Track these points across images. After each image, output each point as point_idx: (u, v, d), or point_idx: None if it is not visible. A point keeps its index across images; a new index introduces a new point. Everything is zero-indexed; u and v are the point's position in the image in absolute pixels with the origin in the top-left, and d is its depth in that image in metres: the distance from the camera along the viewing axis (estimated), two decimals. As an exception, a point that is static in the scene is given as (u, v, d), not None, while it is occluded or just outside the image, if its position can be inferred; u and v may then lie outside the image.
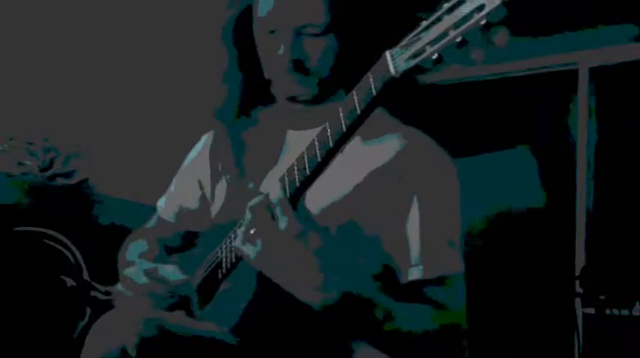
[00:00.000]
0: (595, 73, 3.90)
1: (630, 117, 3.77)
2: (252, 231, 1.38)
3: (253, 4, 1.63)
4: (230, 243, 1.52)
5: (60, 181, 3.06)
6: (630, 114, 3.77)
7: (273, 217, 1.36)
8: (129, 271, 1.63)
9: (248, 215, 1.39)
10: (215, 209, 1.74)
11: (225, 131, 1.75)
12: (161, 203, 1.91)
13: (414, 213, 1.52)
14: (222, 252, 1.56)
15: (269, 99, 1.70)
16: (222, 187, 1.74)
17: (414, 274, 1.50)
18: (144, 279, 1.59)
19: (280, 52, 1.55)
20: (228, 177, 1.72)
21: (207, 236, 1.69)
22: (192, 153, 1.87)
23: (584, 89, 3.90)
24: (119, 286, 1.66)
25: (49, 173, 3.03)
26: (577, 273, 3.56)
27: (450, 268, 1.52)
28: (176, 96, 3.43)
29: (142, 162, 3.37)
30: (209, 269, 1.60)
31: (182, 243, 1.80)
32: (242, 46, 1.68)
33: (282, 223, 1.35)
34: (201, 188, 1.82)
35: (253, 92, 1.71)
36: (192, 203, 1.83)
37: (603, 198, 3.82)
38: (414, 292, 1.49)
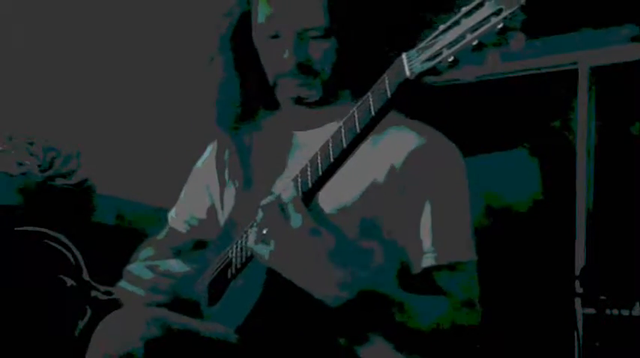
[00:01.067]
0: (595, 73, 3.90)
1: (630, 116, 3.77)
2: (264, 231, 1.38)
3: (252, 10, 1.64)
4: (241, 243, 1.52)
5: (60, 181, 3.05)
6: (630, 114, 3.77)
7: (286, 216, 1.36)
8: (131, 266, 1.64)
9: (260, 214, 1.39)
10: (224, 216, 1.75)
11: (229, 138, 1.76)
12: (172, 213, 1.92)
13: (427, 207, 1.53)
14: (232, 252, 1.56)
15: (271, 105, 1.71)
16: (230, 194, 1.75)
17: (427, 261, 1.51)
18: (147, 274, 1.59)
19: (285, 55, 1.56)
20: (235, 182, 1.73)
21: (215, 242, 1.70)
22: (200, 163, 1.89)
23: (584, 89, 3.91)
24: (122, 282, 1.66)
25: (49, 173, 3.03)
26: (577, 273, 3.56)
27: (462, 255, 1.54)
28: (176, 96, 3.43)
29: (142, 162, 3.37)
30: (219, 268, 1.60)
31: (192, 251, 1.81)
32: (241, 54, 1.69)
33: (296, 221, 1.35)
34: (211, 197, 1.82)
35: (255, 98, 1.72)
36: (203, 212, 1.84)
37: (603, 197, 3.82)
38: (427, 282, 1.50)
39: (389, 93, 1.28)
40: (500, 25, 1.11)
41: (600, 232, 3.77)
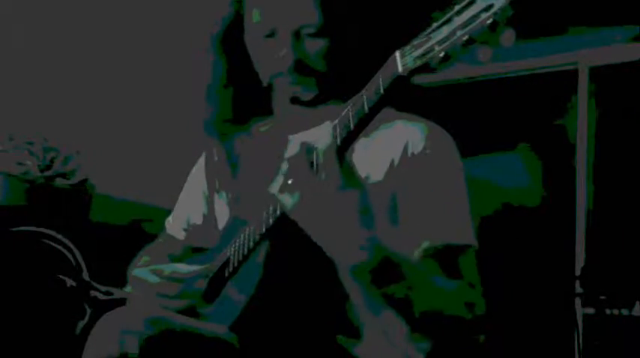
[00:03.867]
0: (595, 73, 3.90)
1: (630, 116, 3.77)
2: (290, 181, 1.34)
3: (244, 12, 1.64)
4: (239, 242, 1.53)
5: (60, 181, 3.06)
6: (630, 114, 3.77)
7: (314, 168, 1.33)
8: (138, 271, 1.65)
9: (285, 165, 1.36)
10: (219, 223, 1.76)
11: (220, 145, 1.77)
12: (169, 219, 1.93)
13: (427, 195, 1.53)
14: (230, 251, 1.57)
15: (263, 111, 1.72)
16: (222, 201, 1.76)
17: (426, 244, 1.50)
18: (154, 278, 1.60)
19: (282, 53, 1.57)
20: (226, 189, 1.73)
21: (212, 250, 1.70)
22: (195, 169, 1.90)
23: (584, 89, 3.90)
24: (128, 288, 1.67)
25: (49, 173, 3.03)
26: (577, 273, 3.56)
27: (462, 238, 1.53)
28: (176, 96, 3.43)
29: (141, 162, 3.37)
30: (217, 267, 1.60)
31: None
32: (231, 58, 1.70)
33: (323, 174, 1.31)
34: (206, 203, 1.84)
35: (246, 103, 1.73)
36: (199, 218, 1.85)
37: (603, 197, 3.81)
38: (431, 266, 1.49)
39: (382, 90, 1.28)
40: (489, 21, 1.12)
41: (600, 232, 3.77)
